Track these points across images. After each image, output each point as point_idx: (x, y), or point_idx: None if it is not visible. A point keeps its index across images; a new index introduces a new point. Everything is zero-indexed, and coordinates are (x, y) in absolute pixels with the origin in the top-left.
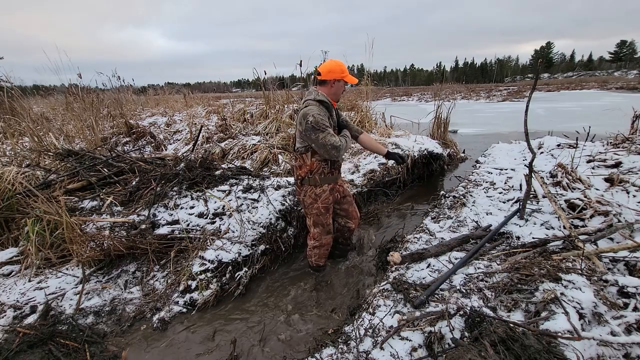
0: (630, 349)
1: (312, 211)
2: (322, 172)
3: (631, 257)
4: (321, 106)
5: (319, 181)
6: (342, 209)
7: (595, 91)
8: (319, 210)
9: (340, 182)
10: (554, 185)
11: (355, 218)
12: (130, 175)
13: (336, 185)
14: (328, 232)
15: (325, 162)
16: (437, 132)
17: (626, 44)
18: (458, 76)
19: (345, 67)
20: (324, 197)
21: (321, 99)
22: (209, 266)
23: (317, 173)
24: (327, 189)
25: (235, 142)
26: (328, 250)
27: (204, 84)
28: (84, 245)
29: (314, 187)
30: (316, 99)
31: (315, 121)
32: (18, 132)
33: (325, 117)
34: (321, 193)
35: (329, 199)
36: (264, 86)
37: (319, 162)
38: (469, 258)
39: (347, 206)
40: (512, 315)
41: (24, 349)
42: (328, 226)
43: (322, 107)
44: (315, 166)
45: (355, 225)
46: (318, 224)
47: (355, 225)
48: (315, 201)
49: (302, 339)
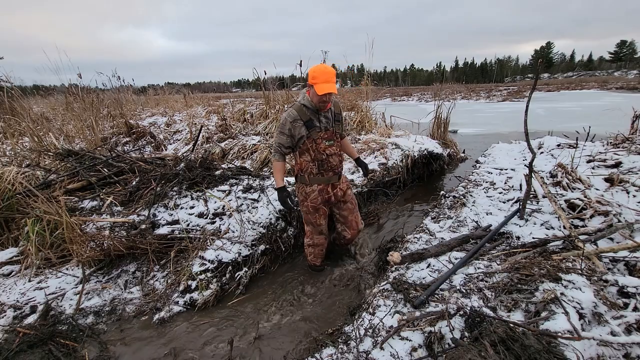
0: (630, 349)
1: (302, 209)
2: (310, 172)
3: (631, 257)
4: (302, 109)
5: (308, 180)
6: (341, 215)
7: (595, 91)
8: (307, 209)
9: (341, 186)
10: (554, 185)
11: (354, 229)
12: (130, 175)
13: (328, 187)
14: (320, 232)
15: (313, 162)
16: (437, 132)
17: (626, 44)
18: (458, 76)
19: (322, 74)
20: (312, 197)
21: (304, 103)
22: (209, 266)
23: (307, 172)
24: (316, 189)
25: (235, 142)
26: (323, 251)
27: (204, 84)
28: (84, 245)
29: (304, 186)
30: (301, 102)
31: (280, 124)
32: (18, 132)
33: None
34: (310, 192)
35: (317, 199)
36: (264, 86)
37: (307, 162)
38: (468, 258)
39: (346, 213)
40: (512, 315)
41: (24, 349)
42: (319, 226)
43: (302, 111)
44: (304, 166)
45: (351, 236)
46: (308, 223)
47: (352, 235)
48: (304, 199)
49: (301, 339)
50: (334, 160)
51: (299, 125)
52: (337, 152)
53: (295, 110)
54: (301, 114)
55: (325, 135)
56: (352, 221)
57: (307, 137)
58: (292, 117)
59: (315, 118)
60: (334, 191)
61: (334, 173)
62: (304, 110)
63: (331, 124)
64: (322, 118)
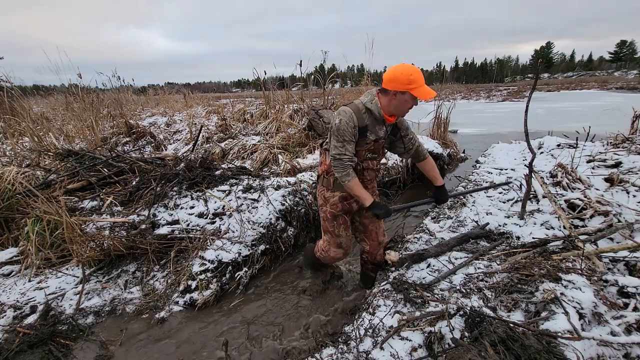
0: (630, 349)
1: (321, 214)
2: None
3: (631, 257)
4: (362, 115)
5: (332, 185)
6: (362, 223)
7: (595, 91)
8: (325, 215)
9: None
10: (554, 185)
11: (374, 240)
12: (130, 175)
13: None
14: (338, 245)
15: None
16: (437, 132)
17: (626, 44)
18: (458, 76)
19: (416, 77)
20: (332, 202)
21: (370, 108)
22: (209, 266)
23: (333, 176)
24: (337, 194)
25: (235, 142)
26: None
27: (204, 84)
28: (84, 245)
29: (325, 189)
30: (366, 105)
31: (337, 127)
32: (18, 132)
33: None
34: (330, 197)
35: (337, 205)
36: (264, 86)
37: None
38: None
39: (367, 221)
40: (512, 315)
41: (24, 349)
42: (337, 237)
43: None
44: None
45: (370, 248)
46: (326, 231)
47: (371, 248)
48: (324, 204)
49: (301, 339)
50: (368, 175)
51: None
52: (376, 167)
53: (355, 115)
54: (360, 118)
55: (372, 147)
56: (372, 231)
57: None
58: (354, 122)
59: (375, 127)
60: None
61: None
62: (364, 116)
63: (384, 137)
64: (383, 129)
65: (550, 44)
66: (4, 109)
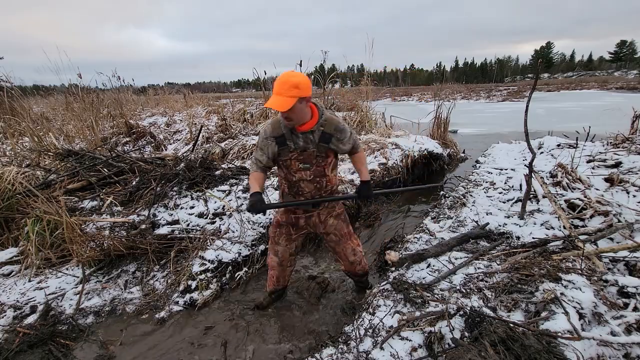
0: (630, 349)
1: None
2: (283, 190)
3: (631, 257)
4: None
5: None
6: (329, 246)
7: (595, 91)
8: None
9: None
10: (554, 185)
11: (345, 260)
12: (130, 175)
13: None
14: (275, 252)
15: (285, 180)
16: (437, 132)
17: (626, 44)
18: (458, 76)
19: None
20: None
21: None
22: (209, 266)
23: (281, 188)
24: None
25: (235, 142)
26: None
27: (204, 84)
28: (84, 245)
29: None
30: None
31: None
32: (18, 132)
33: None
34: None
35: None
36: (264, 86)
37: (280, 178)
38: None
39: (332, 244)
40: (512, 315)
41: (24, 349)
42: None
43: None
44: (279, 181)
45: (344, 267)
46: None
47: (345, 267)
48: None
49: (301, 339)
50: (306, 187)
51: (271, 144)
52: (311, 178)
53: (270, 125)
54: (275, 128)
55: (300, 156)
56: (339, 252)
57: (278, 155)
58: (266, 134)
59: (292, 136)
60: (308, 217)
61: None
62: (280, 125)
63: (312, 146)
64: (298, 136)
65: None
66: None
